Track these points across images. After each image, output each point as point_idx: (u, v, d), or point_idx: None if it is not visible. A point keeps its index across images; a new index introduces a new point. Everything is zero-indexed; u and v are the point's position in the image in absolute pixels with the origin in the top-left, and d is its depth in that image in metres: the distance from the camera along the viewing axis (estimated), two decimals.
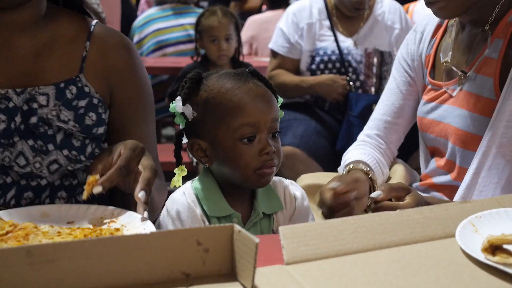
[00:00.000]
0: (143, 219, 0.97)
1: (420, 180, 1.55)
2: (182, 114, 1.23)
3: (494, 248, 0.84)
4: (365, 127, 1.61)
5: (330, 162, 2.61)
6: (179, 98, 1.23)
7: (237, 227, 0.79)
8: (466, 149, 1.37)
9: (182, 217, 1.21)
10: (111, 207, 1.03)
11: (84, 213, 1.02)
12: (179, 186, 1.29)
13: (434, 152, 1.50)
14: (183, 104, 1.23)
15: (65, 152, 1.22)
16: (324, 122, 2.66)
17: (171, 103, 1.25)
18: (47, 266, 0.72)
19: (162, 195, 1.33)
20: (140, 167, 1.06)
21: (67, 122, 1.22)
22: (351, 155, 1.52)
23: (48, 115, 1.21)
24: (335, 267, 0.83)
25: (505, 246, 0.84)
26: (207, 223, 1.22)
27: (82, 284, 0.74)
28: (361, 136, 1.61)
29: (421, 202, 1.25)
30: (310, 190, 1.52)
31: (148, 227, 0.95)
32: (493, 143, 1.31)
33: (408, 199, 1.27)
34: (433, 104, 1.46)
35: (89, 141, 1.26)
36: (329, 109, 2.74)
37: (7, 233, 0.92)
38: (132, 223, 0.98)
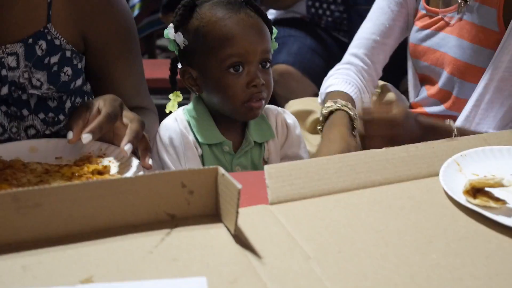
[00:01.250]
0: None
1: (411, 107, 1.54)
2: (175, 41, 1.22)
3: (475, 190, 0.85)
4: (352, 45, 1.59)
5: None
6: (171, 25, 1.22)
7: (221, 170, 0.79)
8: (464, 80, 1.36)
9: (175, 144, 1.22)
10: (98, 142, 1.03)
11: (72, 148, 1.03)
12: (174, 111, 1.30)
13: (425, 80, 1.48)
14: (175, 32, 1.21)
15: (41, 115, 1.19)
16: (320, 40, 2.62)
17: (165, 30, 1.23)
18: (34, 210, 0.73)
19: (154, 129, 1.32)
20: (125, 119, 1.02)
21: (40, 87, 1.17)
22: (335, 81, 1.50)
23: (20, 78, 1.15)
24: (318, 208, 0.85)
25: (486, 189, 0.85)
26: (199, 149, 1.23)
27: (69, 227, 0.76)
28: (347, 56, 1.59)
29: (409, 114, 1.23)
30: (299, 116, 1.53)
31: (134, 164, 0.96)
32: (495, 75, 1.30)
33: (395, 110, 1.21)
34: (428, 31, 1.43)
35: (67, 96, 1.22)
36: (326, 26, 2.69)
37: None
38: (121, 159, 0.98)
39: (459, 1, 1.37)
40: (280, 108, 1.36)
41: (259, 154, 1.29)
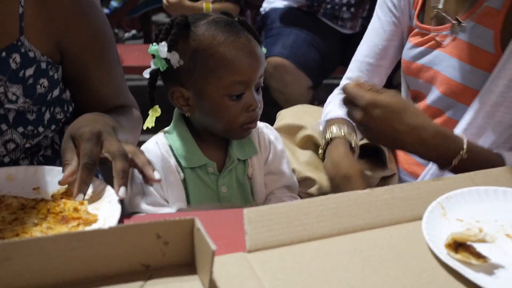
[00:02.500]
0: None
1: None
2: (165, 59, 1.18)
3: (457, 244, 0.84)
4: (347, 70, 1.56)
5: (319, 74, 2.56)
6: (164, 43, 1.17)
7: (197, 224, 0.78)
8: (457, 101, 1.33)
9: (156, 168, 1.19)
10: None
11: (51, 178, 1.00)
12: (152, 127, 1.27)
13: (418, 97, 1.45)
14: (169, 51, 1.17)
15: (20, 129, 1.16)
16: (316, 32, 2.58)
17: (150, 44, 1.19)
18: (4, 264, 0.72)
19: (136, 134, 1.30)
20: (106, 154, 0.98)
21: (16, 101, 1.14)
22: (333, 107, 1.47)
23: None
24: (296, 259, 0.83)
25: (469, 243, 0.84)
26: (181, 173, 1.21)
27: (40, 280, 0.74)
28: (343, 81, 1.56)
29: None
30: (290, 130, 1.51)
31: (113, 200, 0.94)
32: (488, 100, 1.27)
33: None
34: (422, 48, 1.40)
35: (46, 108, 1.19)
36: (324, 14, 2.65)
37: None
38: (98, 193, 0.97)
39: (453, 22, 1.33)
40: (262, 123, 1.34)
41: (243, 171, 1.27)
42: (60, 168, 1.01)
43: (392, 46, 1.49)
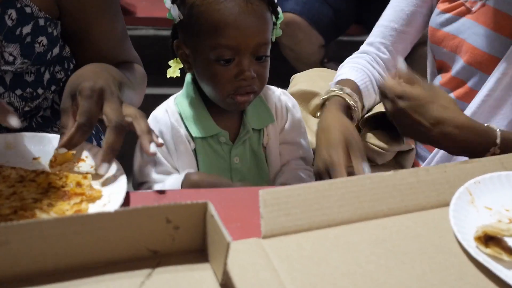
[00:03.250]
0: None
1: None
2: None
3: (487, 237, 0.78)
4: (370, 34, 1.47)
5: (332, 33, 2.47)
6: None
7: (211, 209, 0.71)
8: (480, 70, 1.25)
9: (166, 138, 1.13)
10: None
11: (52, 147, 0.94)
12: (176, 77, 1.21)
13: (442, 67, 1.37)
14: (172, 2, 1.10)
15: (18, 92, 1.09)
16: None
17: None
18: (1, 248, 0.66)
19: (141, 92, 1.22)
20: (104, 118, 0.89)
21: (13, 62, 1.06)
22: (344, 70, 1.39)
23: None
24: (315, 247, 0.78)
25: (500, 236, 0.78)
26: (192, 143, 1.15)
27: (40, 266, 0.69)
28: (363, 46, 1.47)
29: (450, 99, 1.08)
30: (304, 96, 1.43)
31: (118, 174, 0.88)
32: (510, 70, 1.19)
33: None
34: (448, 15, 1.31)
35: (45, 68, 1.11)
36: None
37: None
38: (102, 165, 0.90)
39: None
40: (279, 89, 1.26)
41: (258, 140, 1.21)
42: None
43: (419, 12, 1.40)
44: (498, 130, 1.07)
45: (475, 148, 1.06)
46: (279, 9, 1.13)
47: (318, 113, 1.29)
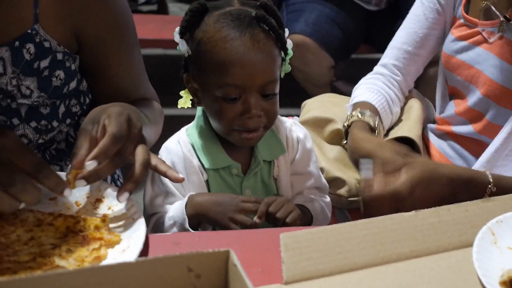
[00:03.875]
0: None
1: (435, 122, 1.43)
2: None
3: None
4: (383, 56, 1.46)
5: (342, 54, 2.46)
6: (177, 29, 1.10)
7: (233, 258, 0.70)
8: (499, 105, 1.24)
9: (178, 168, 1.12)
10: (98, 182, 0.93)
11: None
12: (187, 108, 1.20)
13: (455, 94, 1.36)
14: (181, 37, 1.10)
15: (33, 124, 1.08)
16: (340, 8, 2.45)
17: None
18: None
19: (158, 130, 1.22)
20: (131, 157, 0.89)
21: (29, 95, 1.06)
22: (360, 91, 1.38)
23: (8, 86, 1.04)
24: None
25: None
26: (205, 174, 1.14)
27: None
28: (377, 67, 1.46)
29: (425, 175, 1.06)
30: (318, 123, 1.42)
31: (137, 216, 0.87)
32: None
33: (403, 176, 1.05)
34: (464, 43, 1.30)
35: (60, 101, 1.11)
36: None
37: None
38: (120, 207, 0.89)
39: (501, 19, 1.23)
40: (290, 120, 1.25)
41: (269, 172, 1.19)
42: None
43: (433, 35, 1.40)
44: (485, 170, 1.10)
45: (474, 193, 1.05)
46: (288, 44, 1.11)
47: (345, 141, 1.30)
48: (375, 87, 1.38)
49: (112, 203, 0.90)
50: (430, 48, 1.41)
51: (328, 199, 1.26)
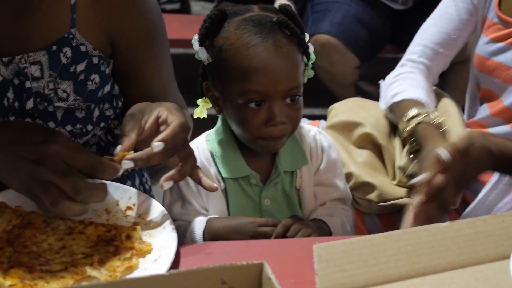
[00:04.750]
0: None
1: (467, 126, 1.40)
2: None
3: None
4: (412, 50, 1.43)
5: (367, 54, 2.44)
6: (196, 36, 1.09)
7: (267, 271, 0.69)
8: None
9: None
10: (128, 189, 0.93)
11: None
12: (203, 118, 1.19)
13: (488, 96, 1.33)
14: (200, 45, 1.08)
15: (68, 127, 1.09)
16: (366, 6, 2.42)
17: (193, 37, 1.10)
18: None
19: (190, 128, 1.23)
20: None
21: (66, 99, 1.06)
22: (403, 87, 1.35)
23: (45, 89, 1.04)
24: None
25: None
26: (222, 183, 1.12)
27: None
28: (406, 62, 1.44)
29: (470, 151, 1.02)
30: (346, 127, 1.40)
31: (168, 225, 0.86)
32: None
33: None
34: (500, 45, 1.27)
35: (95, 105, 1.11)
36: None
37: (13, 228, 0.83)
38: (151, 215, 0.89)
39: None
40: (315, 128, 1.22)
41: (291, 182, 1.16)
42: (111, 183, 0.94)
43: (464, 36, 1.38)
44: None
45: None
46: (310, 49, 1.09)
47: (408, 148, 1.27)
48: (417, 82, 1.35)
49: (143, 211, 0.90)
50: (458, 48, 1.40)
51: (350, 211, 1.24)
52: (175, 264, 0.82)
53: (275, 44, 1.02)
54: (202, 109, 1.18)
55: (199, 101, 1.17)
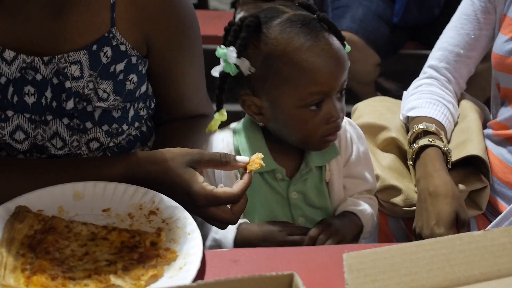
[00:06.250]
0: None
1: (487, 127, 1.37)
2: (235, 65, 1.06)
3: None
4: (432, 57, 1.40)
5: (388, 51, 2.40)
6: (232, 48, 1.04)
7: (298, 282, 0.67)
8: None
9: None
10: (151, 192, 0.90)
11: (121, 196, 0.91)
12: (214, 131, 1.16)
13: (509, 96, 1.29)
14: (238, 57, 1.05)
15: (105, 127, 1.07)
16: (388, 3, 2.38)
17: (218, 47, 1.07)
18: None
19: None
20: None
21: (106, 99, 1.05)
22: (419, 102, 1.33)
23: (84, 89, 1.03)
24: None
25: None
26: None
27: None
28: (427, 70, 1.41)
29: None
30: (370, 130, 1.37)
31: (193, 231, 0.84)
32: None
33: None
34: None
35: (130, 104, 1.10)
36: None
37: (35, 233, 0.81)
38: (175, 220, 0.86)
39: None
40: (346, 118, 1.20)
41: (320, 176, 1.15)
42: (133, 187, 0.92)
43: (484, 35, 1.34)
44: None
45: None
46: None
47: (410, 162, 1.27)
48: (434, 97, 1.33)
49: (167, 216, 0.88)
50: (481, 49, 1.36)
51: (375, 201, 1.24)
52: (201, 272, 0.80)
53: (327, 41, 1.02)
54: (217, 122, 1.14)
55: (216, 115, 1.13)
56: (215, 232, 1.09)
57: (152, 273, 0.77)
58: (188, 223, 0.85)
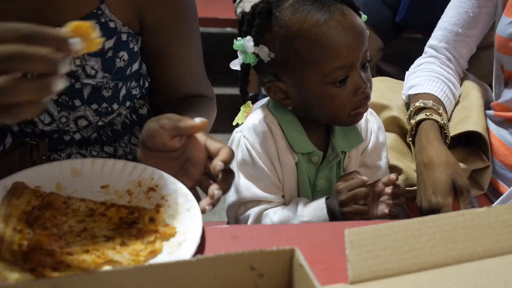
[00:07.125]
0: None
1: (490, 108, 1.35)
2: (253, 53, 1.04)
3: None
4: (432, 36, 1.39)
5: (391, 35, 2.39)
6: (249, 38, 1.04)
7: (299, 257, 0.66)
8: None
9: (268, 146, 1.09)
10: (150, 168, 0.89)
11: (120, 173, 0.89)
12: (241, 124, 1.15)
13: None
14: (256, 45, 1.03)
15: (94, 106, 1.06)
16: None
17: (235, 39, 1.06)
18: None
19: (212, 119, 1.20)
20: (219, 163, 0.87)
21: (94, 76, 1.04)
22: (419, 80, 1.32)
23: (72, 65, 1.02)
24: None
25: None
26: (295, 156, 1.11)
27: None
28: (428, 49, 1.40)
29: None
30: (373, 109, 1.35)
31: (192, 207, 0.83)
32: None
33: None
34: None
35: (122, 83, 1.09)
36: None
37: (32, 209, 0.80)
38: (175, 197, 0.85)
39: None
40: (368, 109, 1.19)
41: (339, 162, 1.15)
42: (132, 163, 0.91)
43: (484, 13, 1.33)
44: None
45: None
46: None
47: (409, 138, 1.25)
48: (434, 74, 1.31)
49: (166, 193, 0.86)
50: (482, 27, 1.35)
51: None
52: (201, 248, 0.79)
53: (342, 13, 1.00)
54: (243, 115, 1.14)
55: (242, 107, 1.13)
56: (304, 216, 1.07)
57: (151, 249, 0.76)
58: (187, 199, 0.84)
